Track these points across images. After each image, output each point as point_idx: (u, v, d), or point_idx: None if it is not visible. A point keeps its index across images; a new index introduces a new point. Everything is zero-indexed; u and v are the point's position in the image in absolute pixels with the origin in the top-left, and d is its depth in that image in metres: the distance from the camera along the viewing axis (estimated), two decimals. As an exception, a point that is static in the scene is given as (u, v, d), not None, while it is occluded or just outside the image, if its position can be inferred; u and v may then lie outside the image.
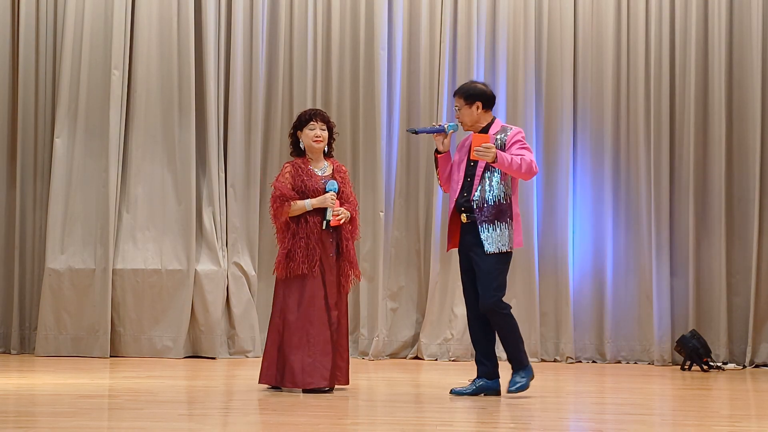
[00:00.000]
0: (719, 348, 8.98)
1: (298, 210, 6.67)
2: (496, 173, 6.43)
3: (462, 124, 6.63)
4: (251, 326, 9.13)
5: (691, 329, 8.88)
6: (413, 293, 9.38)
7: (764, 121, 9.13)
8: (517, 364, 6.50)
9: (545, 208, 9.29)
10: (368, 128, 9.35)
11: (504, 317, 6.47)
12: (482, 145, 6.26)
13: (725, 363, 8.92)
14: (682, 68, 9.24)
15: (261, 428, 5.27)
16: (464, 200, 6.50)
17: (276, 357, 6.64)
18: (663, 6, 9.26)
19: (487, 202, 6.43)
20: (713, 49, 9.18)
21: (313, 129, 6.77)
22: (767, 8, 9.17)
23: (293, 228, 6.68)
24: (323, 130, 6.78)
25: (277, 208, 6.68)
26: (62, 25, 9.28)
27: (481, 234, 6.42)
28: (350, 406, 6.20)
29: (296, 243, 6.63)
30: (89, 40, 9.27)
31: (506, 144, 6.47)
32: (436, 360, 9.15)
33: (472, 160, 6.46)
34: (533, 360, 9.09)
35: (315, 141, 6.76)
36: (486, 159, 6.27)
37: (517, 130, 6.56)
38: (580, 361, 9.18)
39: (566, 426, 5.57)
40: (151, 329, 9.10)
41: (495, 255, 6.43)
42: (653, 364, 9.04)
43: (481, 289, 6.46)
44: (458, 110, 6.60)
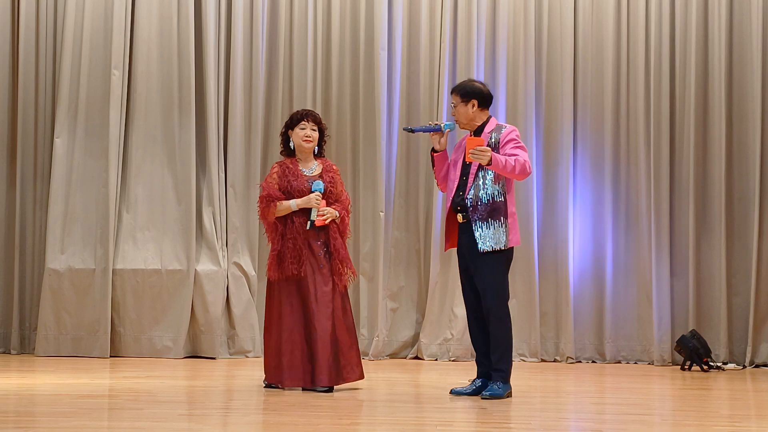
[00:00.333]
0: (719, 348, 8.98)
1: (284, 210, 6.74)
2: (490, 172, 6.44)
3: (457, 122, 6.63)
4: (251, 326, 9.14)
5: (691, 329, 8.89)
6: (413, 293, 9.38)
7: (764, 121, 9.13)
8: (500, 375, 6.45)
9: (545, 208, 9.29)
10: (368, 128, 9.35)
11: (501, 323, 6.44)
12: (476, 148, 6.26)
13: (725, 363, 8.92)
14: (682, 68, 9.24)
15: (261, 428, 5.27)
16: (459, 199, 6.51)
17: (277, 356, 6.71)
18: (663, 6, 9.26)
19: (481, 201, 6.43)
20: (713, 49, 9.18)
21: (304, 129, 6.83)
22: (767, 8, 9.18)
23: (281, 229, 6.76)
24: (314, 131, 6.84)
25: (264, 209, 6.76)
26: (62, 25, 9.29)
27: (475, 232, 6.42)
28: (350, 406, 6.20)
29: (285, 244, 6.71)
30: (89, 40, 9.28)
31: (500, 142, 6.47)
32: (436, 360, 9.15)
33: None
34: (533, 360, 9.13)
35: (305, 141, 6.82)
36: (481, 161, 6.28)
37: (511, 129, 6.56)
38: (580, 361, 9.18)
39: (566, 426, 5.57)
40: (151, 329, 9.10)
41: (491, 254, 6.42)
42: (653, 364, 9.04)
43: (483, 290, 6.45)
44: (454, 107, 6.61)
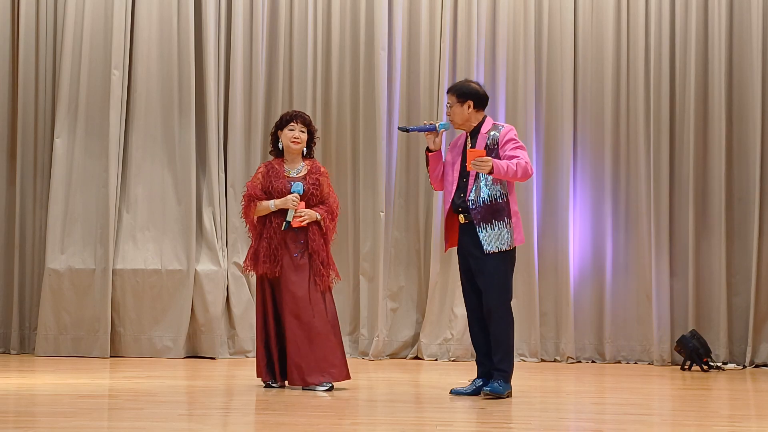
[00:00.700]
0: (719, 348, 8.98)
1: (264, 210, 6.82)
2: None
3: (452, 122, 6.63)
4: (251, 326, 9.13)
5: (691, 329, 8.88)
6: (413, 293, 9.38)
7: (764, 122, 9.13)
8: (502, 374, 6.45)
9: (545, 208, 9.29)
10: (368, 128, 9.35)
11: (503, 324, 6.44)
12: (478, 159, 6.26)
13: (725, 363, 8.92)
14: (682, 68, 9.24)
15: (261, 428, 5.27)
16: (461, 201, 6.50)
17: (264, 354, 6.83)
18: (663, 6, 9.26)
19: (484, 202, 6.42)
20: (713, 49, 9.17)
21: (293, 130, 6.88)
22: (767, 8, 9.18)
23: (259, 228, 6.86)
24: (302, 132, 6.90)
25: (245, 208, 6.87)
26: (62, 25, 9.29)
27: (480, 234, 6.41)
28: (350, 406, 6.20)
29: (261, 243, 6.81)
30: (89, 40, 9.28)
31: (499, 142, 6.47)
32: (436, 360, 9.15)
33: (466, 161, 6.46)
34: (533, 360, 9.13)
35: (293, 142, 6.88)
36: (484, 171, 6.28)
37: (509, 128, 6.55)
38: (580, 361, 9.18)
39: (566, 426, 5.57)
40: (151, 329, 9.10)
41: (496, 255, 6.42)
42: (653, 364, 9.04)
43: (486, 290, 6.44)
44: (450, 107, 6.60)
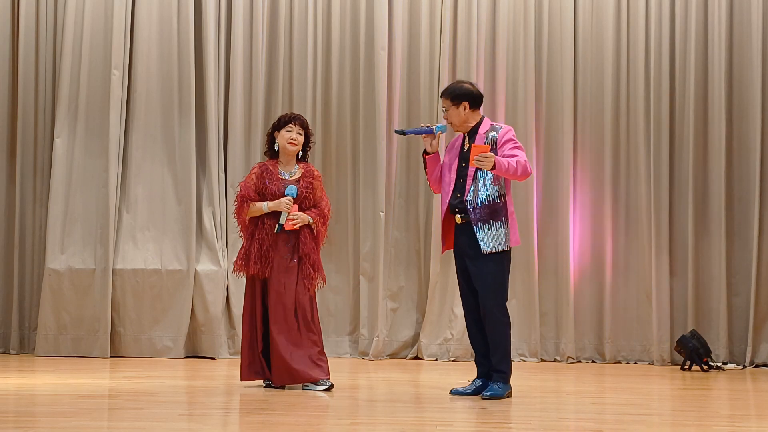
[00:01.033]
0: (719, 348, 8.98)
1: (257, 211, 6.83)
2: (488, 173, 6.43)
3: (451, 125, 6.62)
4: (251, 326, 9.14)
5: (691, 329, 8.89)
6: (413, 293, 9.38)
7: (764, 121, 9.13)
8: (501, 375, 6.46)
9: (545, 208, 9.29)
10: (368, 128, 9.35)
11: (500, 325, 6.44)
12: (481, 154, 6.25)
13: (725, 363, 8.92)
14: (682, 68, 9.24)
15: (261, 428, 5.27)
16: (458, 201, 6.49)
17: (248, 354, 6.85)
18: (663, 6, 9.26)
19: (481, 202, 6.42)
20: (713, 49, 9.18)
21: (290, 131, 6.90)
22: (767, 8, 9.18)
23: (251, 229, 6.87)
24: (299, 135, 6.93)
25: (238, 208, 6.87)
26: (62, 25, 9.29)
27: (477, 234, 6.41)
28: (350, 406, 6.21)
29: (252, 244, 6.82)
30: (89, 40, 9.28)
31: (498, 142, 6.46)
32: (436, 360, 9.15)
33: (464, 162, 6.46)
34: (533, 360, 9.13)
35: (289, 143, 6.89)
36: (486, 167, 6.28)
37: (508, 128, 6.55)
38: (580, 361, 9.18)
39: (566, 426, 5.57)
40: (151, 329, 9.10)
41: (493, 255, 6.42)
42: (653, 364, 9.04)
43: (482, 291, 6.45)
44: (446, 111, 6.59)
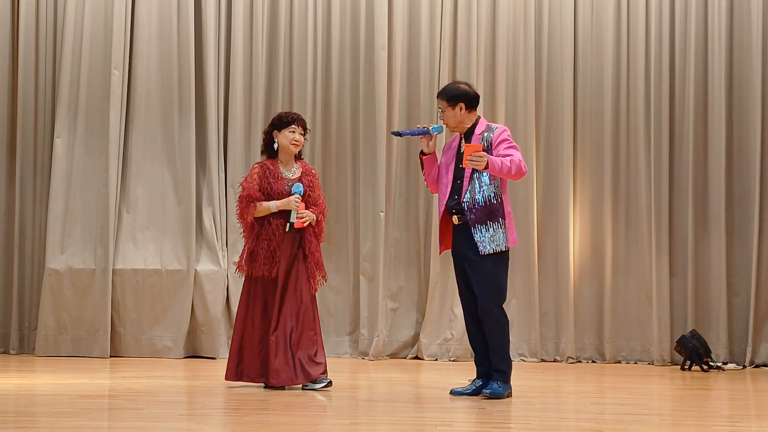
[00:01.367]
0: (719, 348, 8.98)
1: (263, 211, 6.79)
2: (485, 174, 6.42)
3: (447, 126, 6.62)
4: (251, 326, 9.13)
5: (691, 329, 8.89)
6: (413, 293, 9.38)
7: (764, 121, 9.13)
8: (501, 375, 6.46)
9: (545, 208, 9.29)
10: (368, 128, 9.35)
11: (498, 325, 6.43)
12: (474, 154, 6.25)
13: (725, 363, 8.92)
14: (682, 68, 9.24)
15: (261, 428, 5.27)
16: (455, 203, 6.49)
17: (237, 352, 6.83)
18: (663, 6, 9.26)
19: (478, 203, 6.41)
20: (713, 49, 9.18)
21: (293, 132, 6.89)
22: (767, 8, 9.18)
23: (257, 229, 6.83)
24: (301, 135, 6.91)
25: (243, 208, 6.81)
26: (62, 25, 9.29)
27: (475, 236, 6.41)
28: (350, 406, 6.21)
29: (259, 244, 6.78)
30: (89, 40, 9.28)
31: (493, 143, 6.46)
32: (436, 360, 9.16)
33: (461, 163, 6.45)
34: (533, 360, 9.13)
35: (293, 144, 6.89)
36: (479, 167, 6.27)
37: (503, 129, 6.55)
38: (580, 361, 9.18)
39: (566, 426, 5.57)
40: (151, 329, 9.10)
41: (491, 256, 6.41)
42: (653, 364, 9.04)
43: (480, 291, 6.44)
44: (442, 112, 6.58)
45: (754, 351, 9.00)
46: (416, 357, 9.26)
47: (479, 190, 6.42)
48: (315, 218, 6.84)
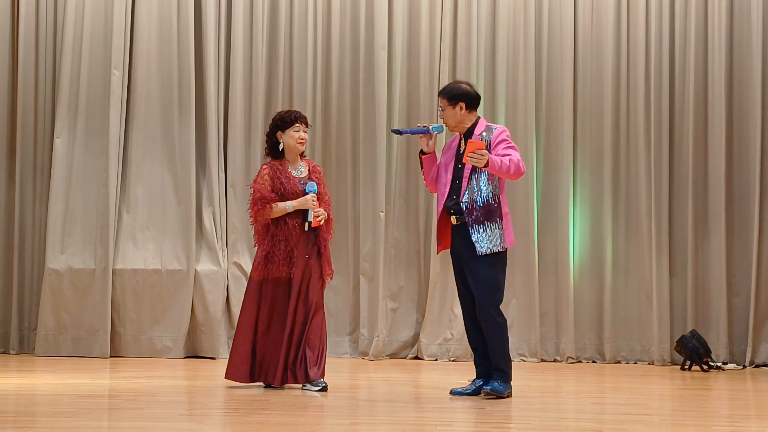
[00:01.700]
0: (719, 348, 8.98)
1: (279, 212, 6.76)
2: (484, 174, 6.42)
3: (446, 125, 6.62)
4: (251, 326, 9.13)
5: (691, 329, 8.88)
6: (413, 293, 9.38)
7: (764, 121, 9.13)
8: (500, 374, 6.46)
9: (545, 208, 9.29)
10: (368, 128, 9.35)
11: (496, 325, 6.43)
12: (476, 151, 6.25)
13: (725, 363, 8.92)
14: (682, 68, 9.24)
15: (261, 428, 5.27)
16: (453, 203, 6.49)
17: (249, 354, 6.77)
18: (663, 6, 9.26)
19: (476, 203, 6.42)
20: (713, 49, 9.18)
21: (298, 131, 6.88)
22: (767, 8, 9.18)
23: (272, 230, 6.79)
24: (305, 133, 6.90)
25: (258, 211, 6.76)
26: (62, 25, 9.29)
27: (472, 236, 6.41)
28: (350, 406, 6.21)
29: (275, 245, 6.74)
30: (89, 40, 9.28)
31: (491, 143, 6.46)
32: (436, 360, 9.16)
33: (460, 163, 6.46)
34: (533, 360, 9.13)
35: (299, 142, 6.88)
36: (479, 164, 6.27)
37: (502, 129, 6.55)
38: (580, 361, 9.18)
39: (566, 426, 5.57)
40: (151, 329, 9.10)
41: (488, 256, 6.41)
42: (653, 364, 9.04)
43: (478, 292, 6.44)
44: (442, 111, 6.58)
45: (754, 351, 9.00)
46: (416, 357, 9.26)
47: (477, 191, 6.42)
48: (325, 216, 6.84)
